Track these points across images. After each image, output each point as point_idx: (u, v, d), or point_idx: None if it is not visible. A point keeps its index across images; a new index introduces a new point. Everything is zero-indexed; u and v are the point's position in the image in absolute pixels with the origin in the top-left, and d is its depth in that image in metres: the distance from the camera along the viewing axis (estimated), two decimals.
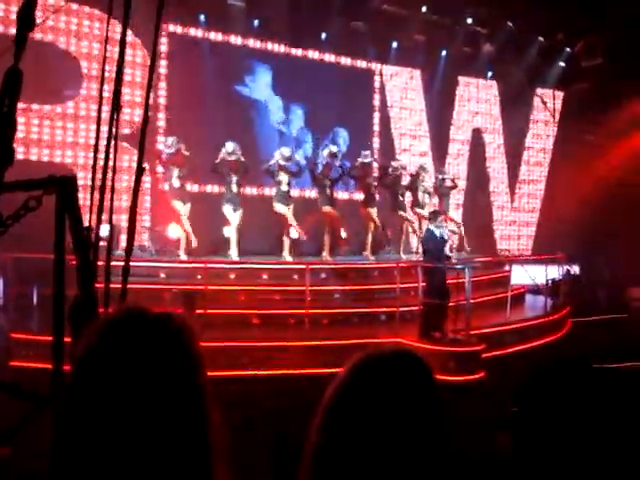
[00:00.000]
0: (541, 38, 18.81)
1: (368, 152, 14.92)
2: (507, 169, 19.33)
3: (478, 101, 19.24)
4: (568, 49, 19.39)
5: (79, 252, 1.98)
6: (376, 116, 17.76)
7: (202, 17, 15.54)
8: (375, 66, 17.65)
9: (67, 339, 1.99)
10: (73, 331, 1.97)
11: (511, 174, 19.40)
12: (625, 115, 18.31)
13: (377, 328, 11.03)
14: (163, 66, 14.85)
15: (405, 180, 15.19)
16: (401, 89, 18.03)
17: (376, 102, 17.81)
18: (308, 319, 10.90)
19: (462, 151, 18.88)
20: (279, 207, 12.99)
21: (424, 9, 16.95)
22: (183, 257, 12.97)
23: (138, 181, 2.09)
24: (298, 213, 13.37)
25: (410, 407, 1.27)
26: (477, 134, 19.19)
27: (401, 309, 10.96)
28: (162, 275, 12.44)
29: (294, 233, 13.29)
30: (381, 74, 17.80)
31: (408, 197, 15.13)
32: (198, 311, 10.42)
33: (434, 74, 18.24)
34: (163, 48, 14.77)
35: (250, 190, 14.96)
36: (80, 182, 2.09)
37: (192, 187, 14.00)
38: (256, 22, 15.89)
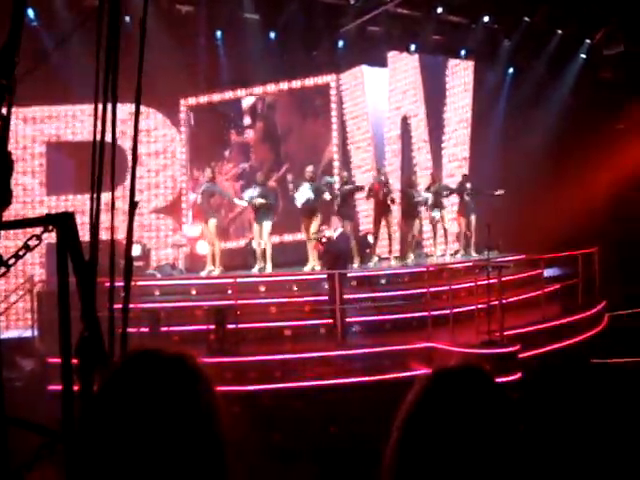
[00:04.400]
0: (560, 31, 18.61)
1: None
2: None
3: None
4: (588, 40, 19.16)
5: (82, 287, 1.99)
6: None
7: (219, 33, 15.75)
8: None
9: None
10: (80, 367, 1.98)
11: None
12: None
13: (409, 334, 10.95)
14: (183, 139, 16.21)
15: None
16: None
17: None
18: (340, 328, 10.85)
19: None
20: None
21: (440, 10, 16.86)
22: (214, 273, 13.15)
23: (131, 214, 2.10)
24: None
25: (487, 423, 1.26)
26: None
27: (433, 313, 10.87)
28: (193, 292, 12.56)
29: None
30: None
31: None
32: (229, 326, 10.48)
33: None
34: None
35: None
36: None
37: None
38: (272, 34, 16.04)
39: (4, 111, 1.98)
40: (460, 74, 18.01)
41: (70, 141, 15.16)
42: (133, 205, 2.11)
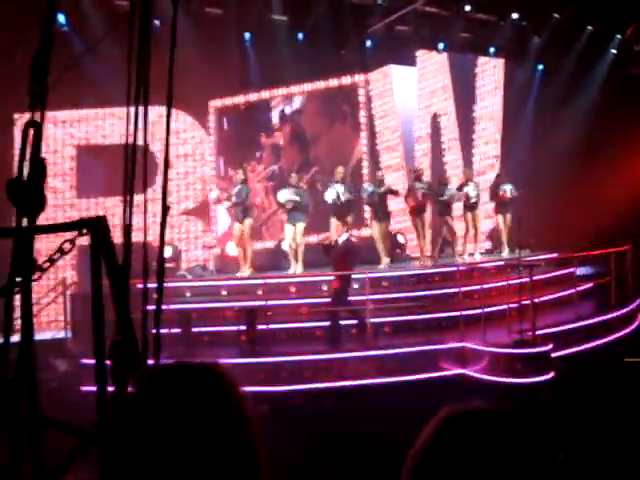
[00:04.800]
0: (590, 27, 18.42)
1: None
2: None
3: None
4: (619, 35, 18.92)
5: (115, 290, 2.01)
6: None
7: (247, 35, 15.86)
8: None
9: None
10: (114, 370, 2.00)
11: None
12: None
13: (441, 334, 10.90)
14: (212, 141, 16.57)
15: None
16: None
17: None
18: (371, 328, 10.83)
19: None
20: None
21: (467, 8, 16.77)
22: (245, 274, 13.22)
23: (164, 217, 2.11)
24: None
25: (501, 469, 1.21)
26: None
27: (464, 313, 10.80)
28: (223, 293, 12.63)
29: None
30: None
31: None
32: (260, 327, 10.51)
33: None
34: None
35: None
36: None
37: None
38: (300, 35, 16.08)
39: (37, 117, 2.01)
40: (490, 72, 17.88)
41: (100, 144, 15.35)
42: (166, 208, 2.13)
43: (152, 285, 2.26)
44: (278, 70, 16.05)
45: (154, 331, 2.22)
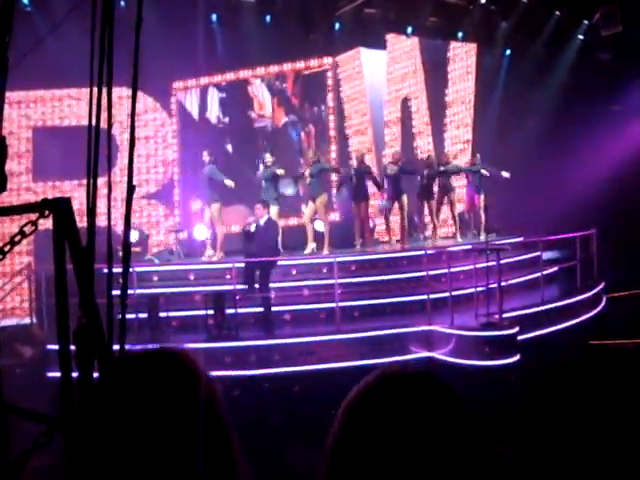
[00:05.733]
0: (557, 12, 18.52)
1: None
2: None
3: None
4: (586, 21, 19.05)
5: (79, 273, 1.96)
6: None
7: (214, 17, 15.67)
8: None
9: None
10: (78, 353, 1.96)
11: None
12: None
13: (410, 317, 10.95)
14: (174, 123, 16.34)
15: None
16: None
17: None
18: (339, 312, 10.85)
19: None
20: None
21: None
22: (214, 258, 13.19)
23: (129, 199, 2.07)
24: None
25: (427, 431, 1.19)
26: None
27: (432, 296, 10.85)
28: (191, 277, 12.54)
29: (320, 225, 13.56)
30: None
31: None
32: (228, 311, 10.48)
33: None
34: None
35: None
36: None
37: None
38: (268, 18, 15.94)
39: None
40: (462, 56, 17.94)
41: (57, 126, 15.02)
42: (131, 189, 2.08)
43: (118, 270, 2.22)
44: (245, 52, 15.87)
45: (120, 316, 2.19)
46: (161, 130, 15.97)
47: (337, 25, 16.70)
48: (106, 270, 2.14)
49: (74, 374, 2.01)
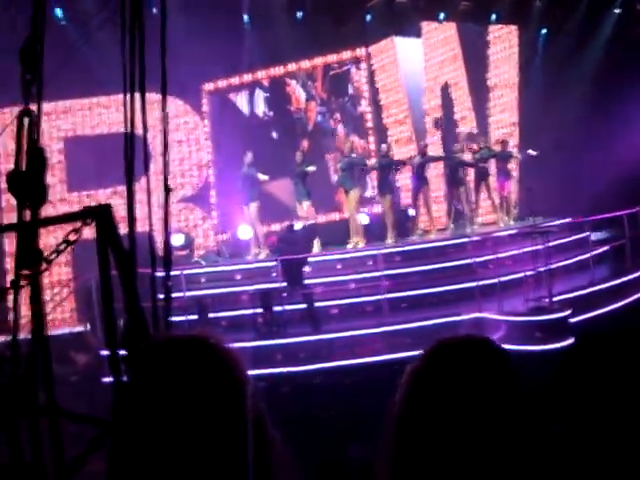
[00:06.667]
0: None
1: None
2: None
3: None
4: None
5: (123, 278, 1.99)
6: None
7: (245, 17, 15.74)
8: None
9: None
10: (127, 355, 1.99)
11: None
12: None
13: (458, 306, 10.85)
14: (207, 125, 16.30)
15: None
16: None
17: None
18: (386, 304, 10.81)
19: None
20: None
21: None
22: (260, 256, 13.29)
23: (167, 201, 2.09)
24: None
25: (487, 392, 1.26)
26: None
27: (480, 283, 10.75)
28: (238, 277, 12.64)
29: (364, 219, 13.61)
30: None
31: None
32: (276, 308, 10.54)
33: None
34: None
35: None
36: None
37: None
38: (299, 14, 15.95)
39: (34, 108, 1.99)
40: (503, 39, 17.72)
41: (88, 135, 14.99)
42: (167, 190, 2.10)
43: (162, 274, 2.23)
44: (277, 51, 15.87)
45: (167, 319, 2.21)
46: (193, 133, 15.92)
47: (368, 17, 16.58)
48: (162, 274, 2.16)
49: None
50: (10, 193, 1.87)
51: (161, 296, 2.21)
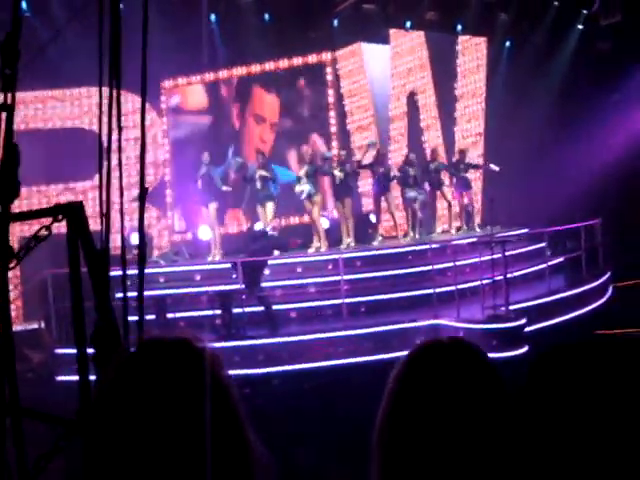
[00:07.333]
0: (556, 2, 18.51)
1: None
2: None
3: None
4: (585, 10, 19.02)
5: (94, 277, 1.97)
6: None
7: (213, 17, 15.66)
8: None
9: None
10: (96, 356, 1.97)
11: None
12: None
13: (416, 312, 10.94)
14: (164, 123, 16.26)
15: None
16: None
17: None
18: (346, 309, 10.85)
19: None
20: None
21: None
22: (216, 258, 13.21)
23: (142, 200, 2.08)
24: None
25: (471, 395, 1.28)
26: None
27: (438, 290, 10.86)
28: (197, 278, 12.55)
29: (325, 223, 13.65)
30: None
31: None
32: (235, 310, 10.50)
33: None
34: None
35: None
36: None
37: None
38: (267, 16, 15.91)
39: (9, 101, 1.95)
40: (472, 49, 17.91)
41: (40, 128, 14.51)
42: (143, 191, 2.09)
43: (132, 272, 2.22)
44: (243, 52, 15.85)
45: (136, 317, 2.19)
46: (151, 130, 15.54)
47: (336, 22, 16.64)
48: (120, 273, 2.14)
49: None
50: None
51: (130, 295, 2.19)
